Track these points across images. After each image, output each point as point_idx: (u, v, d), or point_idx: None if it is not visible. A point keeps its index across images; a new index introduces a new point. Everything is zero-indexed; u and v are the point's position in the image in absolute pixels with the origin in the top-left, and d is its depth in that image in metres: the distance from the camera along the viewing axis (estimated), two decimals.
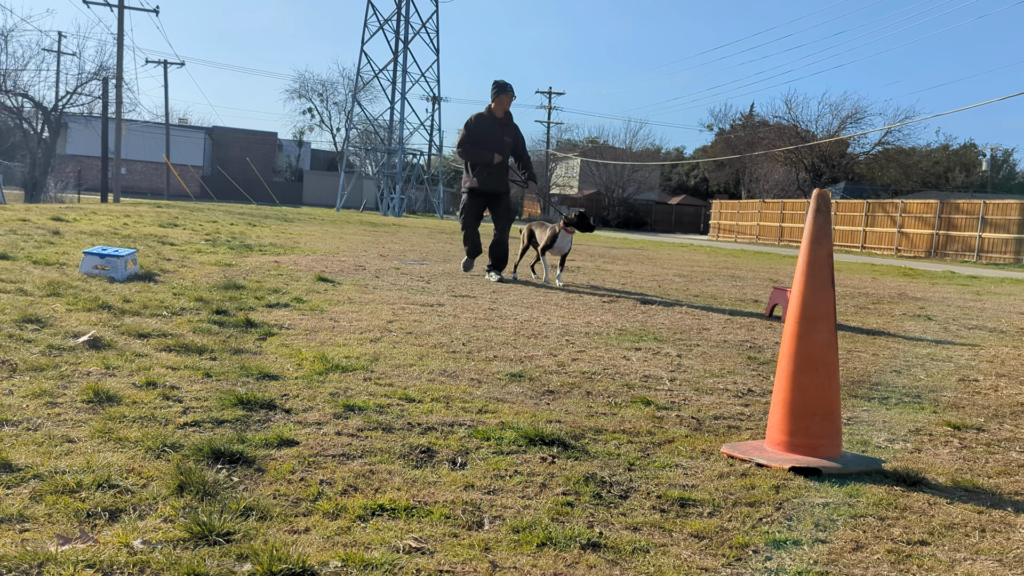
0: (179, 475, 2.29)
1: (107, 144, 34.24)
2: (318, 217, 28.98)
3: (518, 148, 9.31)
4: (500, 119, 9.08)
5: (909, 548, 2.19)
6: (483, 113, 9.12)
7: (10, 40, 33.63)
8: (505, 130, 9.11)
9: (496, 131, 9.04)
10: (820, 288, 2.94)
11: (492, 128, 9.04)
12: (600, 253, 17.13)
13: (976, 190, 51.62)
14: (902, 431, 3.41)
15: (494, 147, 9.02)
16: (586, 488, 2.49)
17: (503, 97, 9.07)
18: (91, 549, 1.86)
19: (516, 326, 5.61)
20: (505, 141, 9.07)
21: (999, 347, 6.04)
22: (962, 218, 28.65)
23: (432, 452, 2.75)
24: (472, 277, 9.23)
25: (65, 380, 3.33)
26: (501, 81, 9.16)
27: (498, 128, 9.06)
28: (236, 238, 12.90)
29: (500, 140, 9.05)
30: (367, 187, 59.38)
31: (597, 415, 3.38)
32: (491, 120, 9.06)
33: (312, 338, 4.65)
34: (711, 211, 46.98)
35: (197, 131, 64.61)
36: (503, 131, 9.09)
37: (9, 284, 5.74)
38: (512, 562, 1.96)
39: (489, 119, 9.06)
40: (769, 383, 4.23)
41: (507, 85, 9.09)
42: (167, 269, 7.64)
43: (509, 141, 9.10)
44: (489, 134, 9.02)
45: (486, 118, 9.06)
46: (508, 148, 9.12)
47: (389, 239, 16.74)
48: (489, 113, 9.10)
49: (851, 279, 13.13)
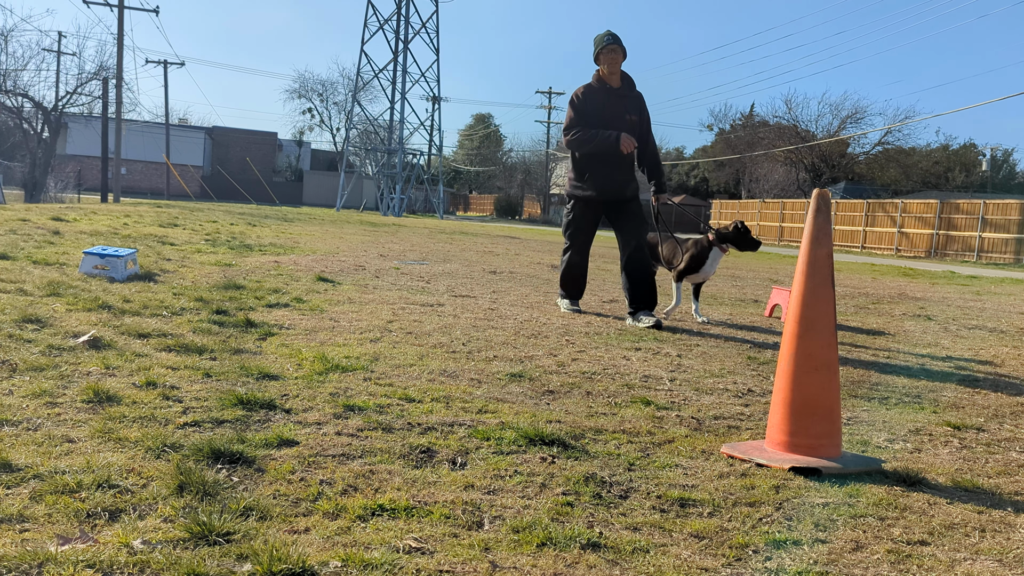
0: (179, 475, 2.29)
1: (107, 144, 34.23)
2: (318, 217, 28.97)
3: (643, 132, 6.39)
4: (616, 89, 6.29)
5: (909, 548, 2.19)
6: (591, 84, 6.33)
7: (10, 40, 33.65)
8: (627, 104, 6.31)
9: (614, 106, 6.27)
10: (820, 288, 2.94)
11: (607, 102, 6.26)
12: (601, 253, 17.13)
13: (976, 190, 51.63)
14: (902, 431, 3.41)
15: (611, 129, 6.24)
16: (586, 488, 2.49)
17: (611, 55, 6.18)
18: (91, 549, 1.86)
19: (516, 326, 5.61)
20: (629, 120, 6.28)
21: (999, 347, 6.04)
22: (962, 218, 28.64)
23: (432, 452, 2.75)
24: (471, 277, 9.20)
25: (65, 380, 3.33)
26: (604, 33, 6.26)
27: (616, 102, 6.28)
28: (236, 238, 12.90)
29: (622, 119, 6.26)
30: (367, 187, 59.38)
31: (597, 415, 3.38)
32: (604, 91, 6.28)
33: (312, 338, 4.65)
34: (711, 211, 46.98)
35: (197, 131, 64.60)
36: (625, 106, 6.30)
37: (9, 284, 5.74)
38: (512, 562, 1.96)
39: (601, 91, 6.28)
40: (769, 383, 4.23)
41: (614, 36, 6.20)
42: (167, 269, 7.64)
43: (634, 119, 6.30)
44: (604, 112, 6.25)
45: (596, 90, 6.29)
46: (634, 129, 6.30)
47: (389, 239, 16.74)
48: (599, 82, 6.30)
49: (851, 279, 13.13)
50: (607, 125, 6.19)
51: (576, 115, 6.28)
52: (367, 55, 51.95)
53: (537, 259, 13.38)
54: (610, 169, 6.30)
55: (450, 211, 68.86)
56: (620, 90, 6.29)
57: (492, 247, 16.57)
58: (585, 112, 6.25)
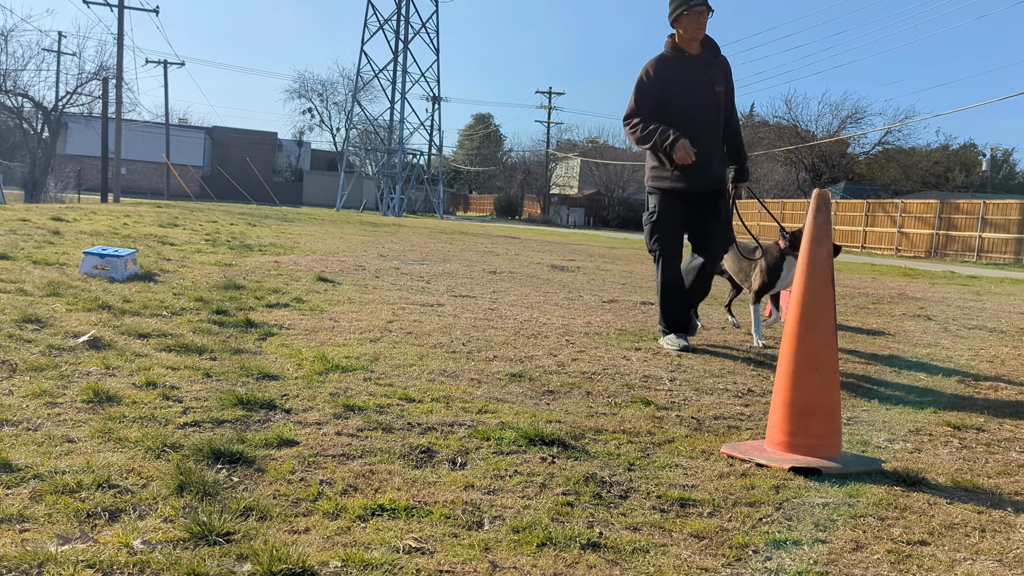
0: (179, 475, 2.29)
1: (107, 144, 34.23)
2: (318, 217, 28.98)
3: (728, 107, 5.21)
4: (696, 57, 5.04)
5: (909, 548, 2.19)
6: (664, 54, 5.06)
7: (10, 40, 33.64)
8: (713, 74, 5.06)
9: (696, 78, 5.01)
10: (820, 288, 2.94)
11: (686, 73, 5.01)
12: (600, 253, 17.13)
13: (976, 190, 51.60)
14: (902, 431, 3.41)
15: (696, 108, 5.01)
16: (586, 488, 2.49)
17: (696, 18, 4.92)
18: (91, 549, 1.86)
19: (516, 326, 5.61)
20: (716, 93, 5.05)
21: (999, 347, 6.04)
22: (962, 218, 28.65)
23: (432, 452, 2.75)
24: (471, 277, 9.20)
25: (65, 380, 3.33)
26: None
27: (698, 73, 5.02)
28: (236, 238, 12.90)
29: (708, 93, 5.03)
30: (367, 187, 59.38)
31: (597, 415, 3.38)
32: (681, 61, 5.03)
33: (312, 338, 4.65)
34: None
35: (197, 131, 64.60)
36: (711, 76, 5.05)
37: (9, 284, 5.74)
38: (512, 562, 1.96)
39: (677, 61, 5.03)
40: (769, 383, 4.23)
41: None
42: (167, 269, 7.64)
43: (721, 91, 5.08)
44: (683, 84, 5.00)
45: (671, 61, 5.04)
46: (721, 103, 5.09)
47: (389, 239, 16.74)
48: (674, 50, 5.05)
49: (851, 279, 13.13)
50: (691, 104, 4.98)
51: (640, 98, 5.03)
52: (367, 55, 52.00)
53: (537, 259, 13.37)
54: (706, 150, 4.95)
55: (450, 211, 68.84)
56: (701, 57, 5.04)
57: (492, 247, 16.57)
58: (656, 93, 5.00)
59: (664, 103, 5.01)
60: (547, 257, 14.22)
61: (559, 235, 29.72)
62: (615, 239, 29.29)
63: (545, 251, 16.39)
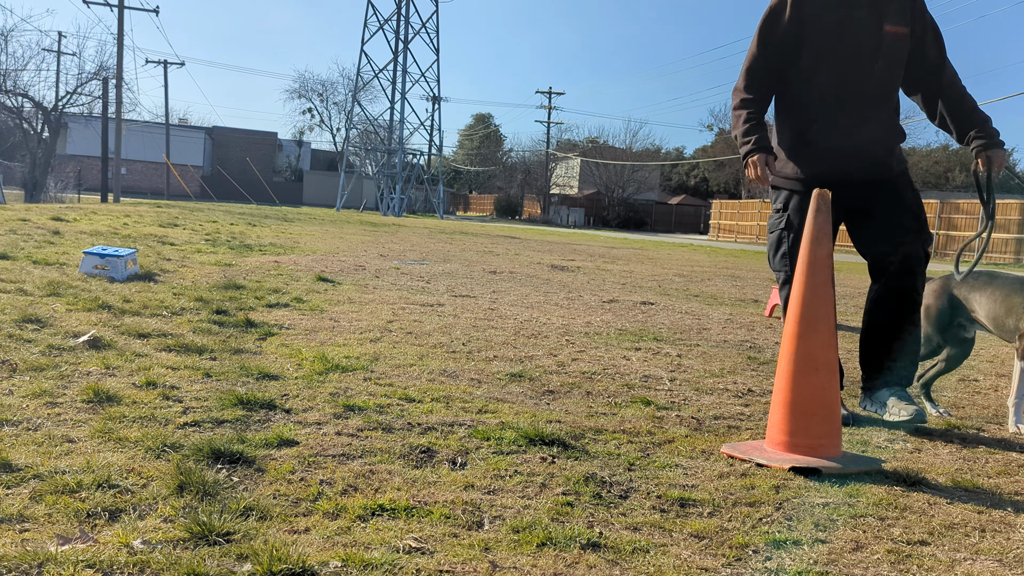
0: (179, 475, 2.29)
1: (107, 144, 34.23)
2: (318, 217, 28.98)
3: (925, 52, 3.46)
4: None
5: (909, 548, 2.19)
6: None
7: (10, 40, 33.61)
8: (883, 8, 3.38)
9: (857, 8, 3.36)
10: (820, 288, 2.94)
11: (842, 9, 3.36)
12: (600, 253, 17.13)
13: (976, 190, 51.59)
14: (902, 431, 3.41)
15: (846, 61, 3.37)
16: (586, 488, 2.49)
17: None
18: (91, 549, 1.86)
19: (516, 326, 5.61)
20: (888, 34, 3.37)
21: (999, 347, 6.04)
22: (962, 218, 28.66)
23: (432, 452, 2.75)
24: (471, 277, 9.20)
25: (65, 380, 3.33)
26: None
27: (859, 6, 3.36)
28: (236, 238, 12.90)
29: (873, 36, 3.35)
30: (367, 187, 59.38)
31: (597, 415, 3.38)
32: None
33: (312, 338, 4.65)
34: (711, 211, 46.98)
35: (197, 131, 64.61)
36: (880, 11, 3.37)
37: (9, 284, 5.74)
38: (512, 562, 1.96)
39: None
40: (769, 383, 4.23)
41: None
42: (167, 269, 7.64)
43: (898, 32, 3.39)
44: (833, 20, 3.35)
45: None
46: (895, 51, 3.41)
47: (389, 239, 16.74)
48: None
49: (851, 279, 13.13)
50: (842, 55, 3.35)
51: (758, 58, 3.46)
52: (367, 55, 52.06)
53: (537, 259, 13.37)
54: (856, 117, 3.43)
55: (450, 211, 68.87)
56: None
57: (492, 247, 16.57)
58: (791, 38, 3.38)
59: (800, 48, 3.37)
60: (547, 257, 14.22)
61: (559, 235, 29.73)
62: (615, 239, 29.30)
63: (545, 251, 16.39)
